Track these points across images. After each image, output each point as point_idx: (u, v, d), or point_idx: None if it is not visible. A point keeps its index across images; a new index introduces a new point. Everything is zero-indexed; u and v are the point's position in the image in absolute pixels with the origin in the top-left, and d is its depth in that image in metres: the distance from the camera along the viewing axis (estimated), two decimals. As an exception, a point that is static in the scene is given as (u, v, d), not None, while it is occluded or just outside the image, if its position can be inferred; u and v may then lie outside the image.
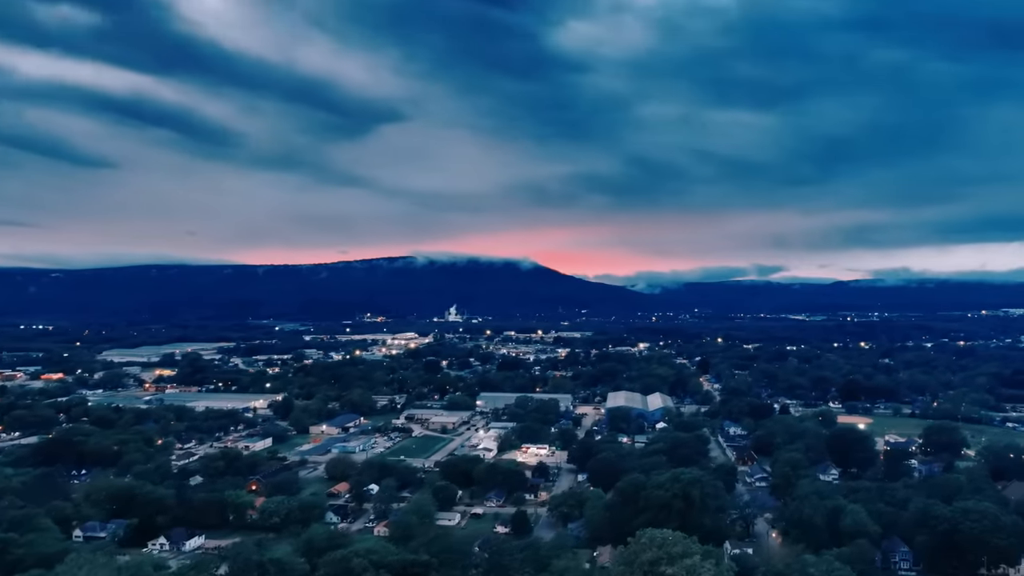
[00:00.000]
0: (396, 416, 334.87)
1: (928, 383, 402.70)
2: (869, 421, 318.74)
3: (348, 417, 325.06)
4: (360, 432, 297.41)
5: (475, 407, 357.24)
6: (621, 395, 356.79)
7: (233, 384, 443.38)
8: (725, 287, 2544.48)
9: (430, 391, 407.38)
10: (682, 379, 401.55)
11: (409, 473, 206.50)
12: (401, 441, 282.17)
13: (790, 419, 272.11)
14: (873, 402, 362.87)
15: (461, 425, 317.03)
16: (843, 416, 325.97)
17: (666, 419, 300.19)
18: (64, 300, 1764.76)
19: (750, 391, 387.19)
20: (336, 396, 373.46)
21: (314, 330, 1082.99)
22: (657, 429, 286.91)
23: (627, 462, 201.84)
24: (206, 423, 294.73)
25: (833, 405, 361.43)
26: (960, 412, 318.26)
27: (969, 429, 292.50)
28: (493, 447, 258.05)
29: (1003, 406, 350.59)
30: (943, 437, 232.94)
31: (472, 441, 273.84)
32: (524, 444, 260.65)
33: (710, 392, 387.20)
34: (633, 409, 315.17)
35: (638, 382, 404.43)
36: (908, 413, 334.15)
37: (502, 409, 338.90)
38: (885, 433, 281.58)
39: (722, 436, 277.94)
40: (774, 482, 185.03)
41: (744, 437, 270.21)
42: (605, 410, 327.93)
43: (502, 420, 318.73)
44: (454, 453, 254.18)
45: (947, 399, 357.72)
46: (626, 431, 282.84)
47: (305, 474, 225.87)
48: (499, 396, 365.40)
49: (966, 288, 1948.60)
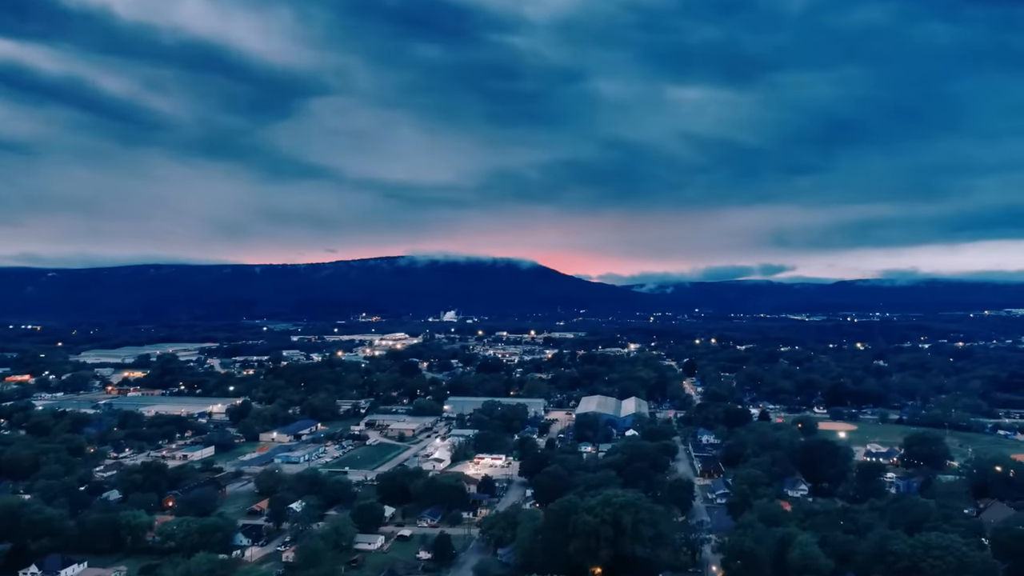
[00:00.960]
0: (357, 422, 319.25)
1: (919, 387, 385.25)
2: (853, 428, 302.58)
3: (304, 423, 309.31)
4: (312, 440, 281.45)
5: (442, 412, 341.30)
6: (594, 400, 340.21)
7: (198, 387, 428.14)
8: (728, 287, 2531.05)
9: (400, 395, 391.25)
10: (661, 383, 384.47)
11: (342, 488, 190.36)
12: (352, 450, 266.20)
13: (765, 427, 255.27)
14: (860, 407, 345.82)
15: (422, 432, 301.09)
16: (826, 423, 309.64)
17: (637, 426, 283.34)
18: (62, 300, 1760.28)
19: (732, 395, 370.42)
20: (300, 400, 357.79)
21: (306, 330, 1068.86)
22: (626, 437, 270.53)
23: (576, 477, 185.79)
24: (149, 430, 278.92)
25: (817, 411, 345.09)
26: (949, 419, 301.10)
27: (958, 437, 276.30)
28: (445, 457, 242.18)
29: (996, 411, 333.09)
30: (924, 448, 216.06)
31: (427, 450, 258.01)
32: (479, 454, 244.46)
33: (690, 397, 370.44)
34: (603, 415, 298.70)
35: (617, 385, 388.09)
36: (895, 419, 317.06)
37: (468, 415, 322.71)
38: (867, 442, 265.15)
39: (693, 445, 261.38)
40: (731, 500, 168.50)
41: (716, 446, 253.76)
42: (575, 416, 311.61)
43: (466, 427, 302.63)
44: (404, 464, 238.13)
45: (937, 404, 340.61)
46: (592, 439, 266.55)
47: (236, 487, 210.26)
48: (468, 400, 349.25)
49: (975, 288, 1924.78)
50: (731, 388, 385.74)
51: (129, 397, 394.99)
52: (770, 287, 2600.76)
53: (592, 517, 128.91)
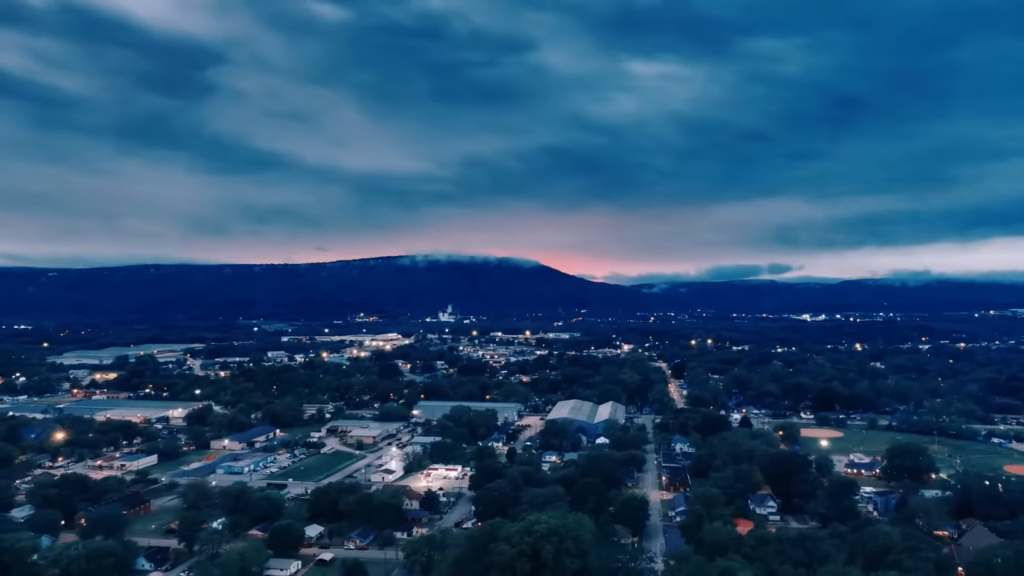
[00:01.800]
0: (319, 428, 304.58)
1: (913, 391, 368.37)
2: (838, 435, 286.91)
3: (262, 430, 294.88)
4: (264, 448, 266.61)
5: (411, 418, 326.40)
6: (568, 405, 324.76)
7: (167, 389, 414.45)
8: (733, 287, 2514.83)
9: (371, 399, 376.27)
10: (642, 386, 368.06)
11: (270, 504, 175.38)
12: (304, 459, 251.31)
13: (740, 435, 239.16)
14: (849, 412, 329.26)
15: (384, 439, 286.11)
16: (810, 429, 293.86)
17: (608, 434, 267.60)
18: (62, 300, 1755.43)
19: (716, 400, 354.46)
20: (266, 404, 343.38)
21: (297, 331, 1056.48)
22: (594, 446, 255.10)
23: (525, 493, 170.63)
24: (94, 437, 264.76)
25: (804, 416, 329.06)
26: (940, 426, 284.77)
27: (948, 446, 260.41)
28: (397, 468, 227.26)
29: (991, 417, 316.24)
30: (907, 460, 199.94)
31: (382, 460, 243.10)
32: (433, 465, 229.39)
33: (671, 401, 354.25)
34: (574, 422, 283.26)
35: (598, 389, 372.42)
36: (884, 425, 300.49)
37: (436, 421, 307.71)
38: (851, 451, 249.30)
39: (664, 454, 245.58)
40: (684, 522, 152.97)
41: (689, 456, 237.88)
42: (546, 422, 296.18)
43: (433, 433, 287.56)
44: (353, 475, 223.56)
45: (929, 410, 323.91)
46: (558, 448, 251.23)
47: (164, 502, 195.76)
48: (439, 405, 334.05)
49: (984, 288, 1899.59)
50: (716, 392, 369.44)
51: (90, 400, 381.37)
52: (776, 287, 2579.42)
53: (510, 547, 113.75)
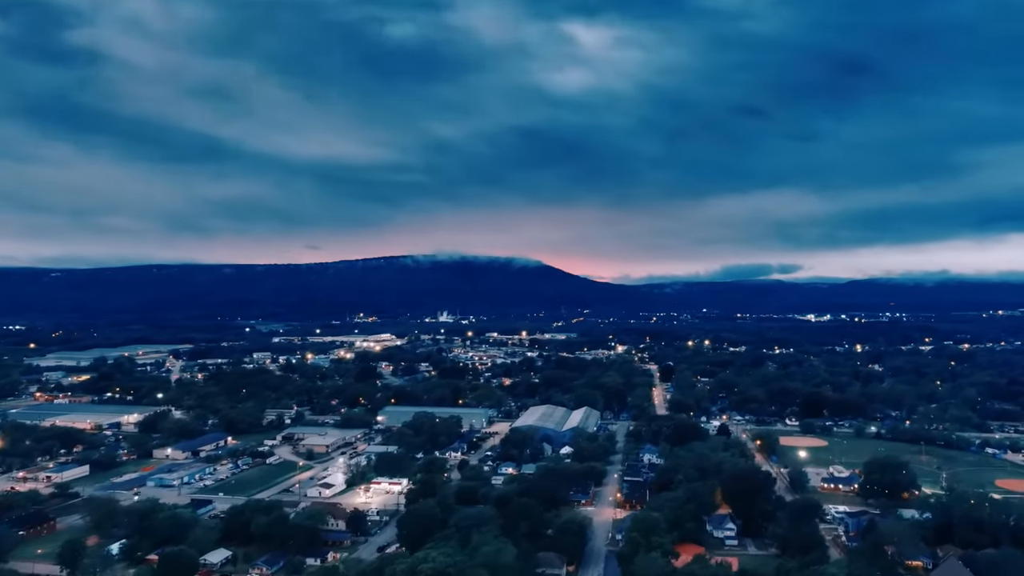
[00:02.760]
0: (276, 435, 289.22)
1: (907, 395, 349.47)
2: (822, 444, 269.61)
3: (213, 437, 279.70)
4: (207, 458, 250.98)
5: (373, 424, 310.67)
6: (538, 411, 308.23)
7: (132, 392, 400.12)
8: (741, 287, 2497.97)
9: (339, 403, 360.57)
10: (621, 391, 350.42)
11: (177, 525, 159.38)
12: (247, 471, 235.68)
13: (712, 445, 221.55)
14: (837, 419, 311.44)
15: (339, 448, 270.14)
16: (791, 438, 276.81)
17: (574, 443, 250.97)
18: (63, 300, 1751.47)
19: (698, 405, 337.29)
20: (226, 409, 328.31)
21: (292, 331, 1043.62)
22: (556, 456, 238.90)
23: (454, 514, 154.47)
24: (28, 445, 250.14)
25: (789, 423, 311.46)
26: (930, 434, 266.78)
27: (938, 456, 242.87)
28: (337, 482, 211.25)
29: (988, 424, 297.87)
30: (886, 476, 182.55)
31: (328, 472, 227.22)
32: (378, 478, 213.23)
33: (651, 407, 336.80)
34: (541, 430, 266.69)
35: (576, 393, 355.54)
36: (873, 433, 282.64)
37: (397, 428, 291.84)
38: (832, 462, 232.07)
39: (629, 466, 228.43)
40: (621, 551, 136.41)
41: (656, 467, 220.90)
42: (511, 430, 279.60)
43: (391, 442, 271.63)
44: (291, 489, 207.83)
45: (922, 416, 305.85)
46: (517, 459, 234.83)
47: (73, 520, 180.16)
48: (405, 411, 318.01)
49: (995, 287, 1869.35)
50: (699, 397, 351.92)
51: (46, 405, 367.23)
52: (783, 287, 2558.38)
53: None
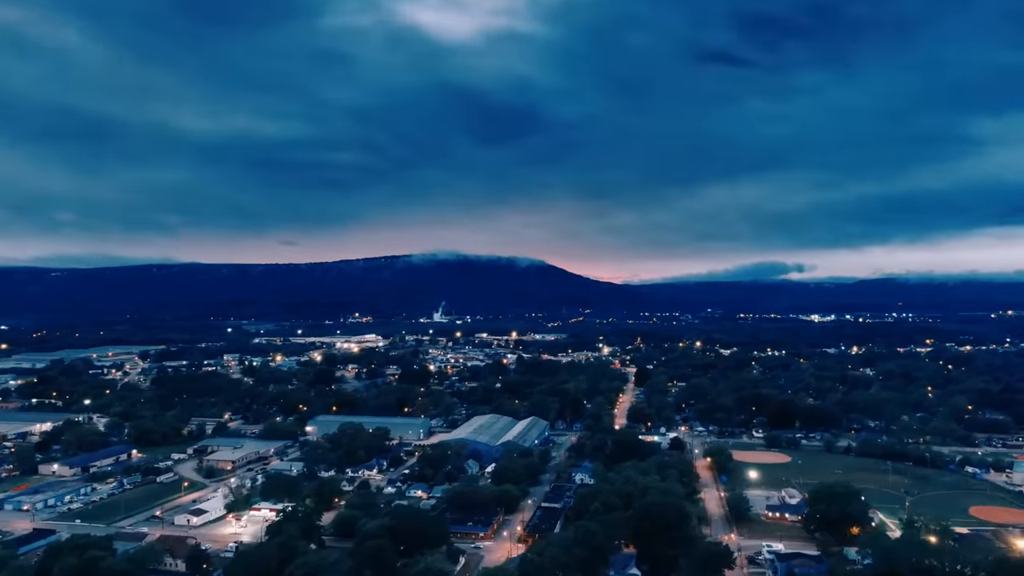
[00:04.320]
0: (187, 448, 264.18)
1: (890, 403, 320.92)
2: (785, 459, 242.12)
3: (116, 450, 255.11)
4: (105, 473, 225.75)
5: (299, 435, 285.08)
6: (479, 421, 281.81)
7: (68, 396, 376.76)
8: (752, 286, 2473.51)
9: (275, 411, 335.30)
10: (576, 400, 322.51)
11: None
12: (130, 490, 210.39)
13: (642, 467, 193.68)
14: (808, 431, 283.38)
15: (249, 464, 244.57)
16: (753, 452, 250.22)
17: (504, 459, 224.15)
18: (61, 300, 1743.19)
19: (660, 414, 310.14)
20: (152, 417, 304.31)
21: (282, 331, 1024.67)
22: (475, 476, 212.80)
23: (294, 558, 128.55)
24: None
25: (756, 434, 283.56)
26: (906, 449, 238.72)
27: (911, 476, 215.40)
28: (214, 508, 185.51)
29: (973, 437, 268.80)
30: (832, 507, 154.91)
31: (214, 494, 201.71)
32: (262, 503, 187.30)
33: (608, 417, 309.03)
34: (469, 444, 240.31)
35: (531, 400, 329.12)
36: (843, 447, 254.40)
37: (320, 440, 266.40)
38: (789, 483, 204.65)
39: (554, 488, 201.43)
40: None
41: (586, 488, 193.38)
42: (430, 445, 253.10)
43: (309, 457, 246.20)
44: (161, 517, 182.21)
45: (902, 428, 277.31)
46: (431, 479, 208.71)
47: None
48: (337, 420, 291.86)
49: (1015, 287, 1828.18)
50: (662, 405, 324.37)
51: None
52: (795, 286, 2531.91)
53: None
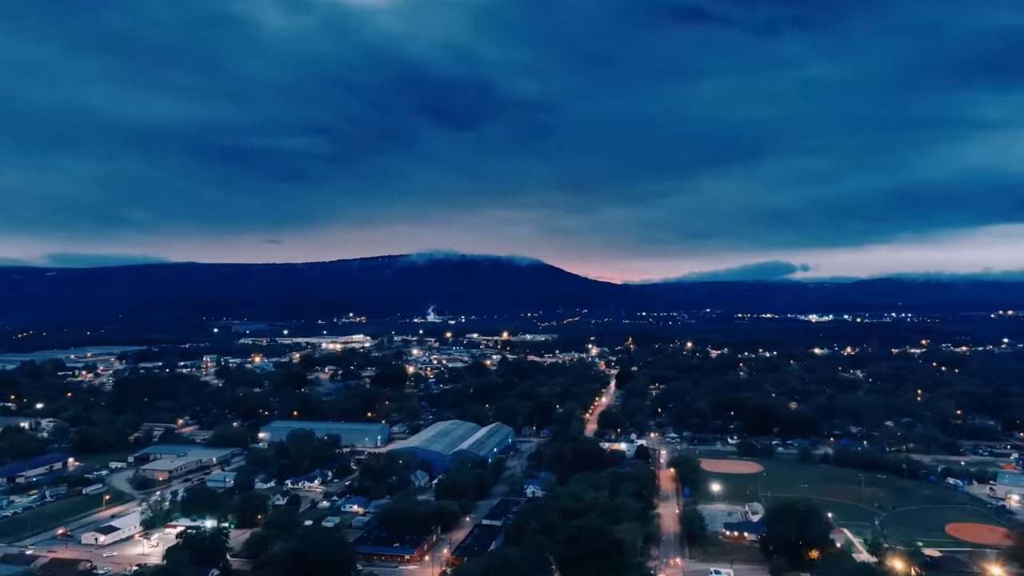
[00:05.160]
0: (129, 455, 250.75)
1: (874, 408, 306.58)
2: (757, 469, 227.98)
3: (50, 458, 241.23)
4: (24, 485, 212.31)
5: (251, 442, 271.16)
6: (439, 428, 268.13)
7: (24, 400, 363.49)
8: (750, 286, 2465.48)
9: (234, 416, 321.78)
10: (545, 405, 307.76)
11: None
12: (51, 503, 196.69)
13: (593, 480, 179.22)
14: (786, 438, 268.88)
15: (189, 473, 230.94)
16: (724, 461, 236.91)
17: (455, 470, 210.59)
18: (57, 299, 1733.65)
19: (633, 419, 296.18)
20: (103, 422, 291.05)
21: (273, 331, 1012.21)
22: (414, 489, 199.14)
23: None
24: None
25: (732, 441, 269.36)
26: (885, 459, 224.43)
27: (888, 488, 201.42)
28: (128, 525, 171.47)
29: (958, 445, 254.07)
30: (790, 528, 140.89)
31: (136, 509, 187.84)
32: (183, 519, 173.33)
33: (578, 423, 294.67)
34: (419, 452, 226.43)
35: (499, 404, 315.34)
36: (821, 456, 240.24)
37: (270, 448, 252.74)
38: (757, 497, 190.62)
39: (502, 502, 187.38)
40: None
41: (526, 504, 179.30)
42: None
43: (254, 465, 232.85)
44: (71, 535, 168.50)
45: (884, 434, 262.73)
46: (371, 492, 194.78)
47: None
48: (290, 426, 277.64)
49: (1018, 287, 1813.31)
50: (634, 410, 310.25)
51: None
52: (796, 285, 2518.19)
53: None
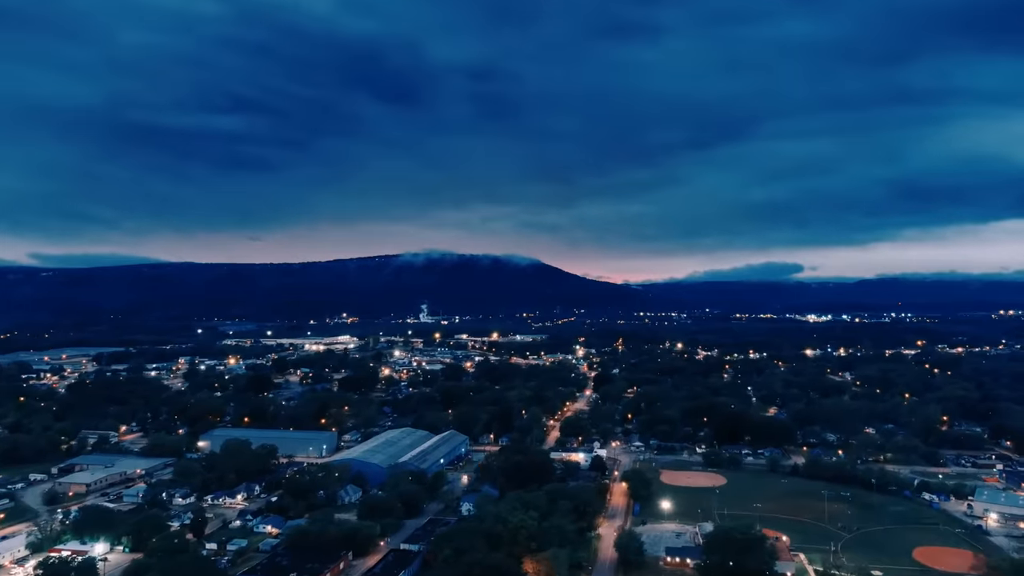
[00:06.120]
0: (56, 466, 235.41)
1: (857, 413, 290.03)
2: (721, 482, 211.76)
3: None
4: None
5: (188, 451, 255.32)
6: (388, 435, 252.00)
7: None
8: (752, 286, 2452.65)
9: (182, 422, 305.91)
10: (506, 412, 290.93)
11: None
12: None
13: (525, 499, 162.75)
14: (760, 446, 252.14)
15: (108, 487, 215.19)
16: (688, 473, 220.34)
17: (391, 483, 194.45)
18: (53, 299, 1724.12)
19: (598, 425, 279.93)
20: (42, 428, 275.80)
21: (240, 333, 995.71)
22: (342, 505, 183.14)
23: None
24: None
25: (700, 450, 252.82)
26: (856, 470, 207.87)
27: (858, 504, 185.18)
28: (13, 549, 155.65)
29: (940, 455, 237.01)
30: (727, 557, 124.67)
31: (32, 529, 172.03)
32: (70, 541, 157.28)
33: (539, 431, 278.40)
34: (355, 464, 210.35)
35: (459, 410, 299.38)
36: (789, 467, 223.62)
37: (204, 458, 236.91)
38: (711, 514, 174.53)
39: (428, 523, 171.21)
40: None
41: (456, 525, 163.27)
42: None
43: (181, 479, 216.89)
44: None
45: (862, 443, 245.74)
46: (290, 509, 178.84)
47: None
48: (230, 435, 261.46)
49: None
50: (602, 415, 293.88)
51: None
52: (797, 286, 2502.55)
53: None
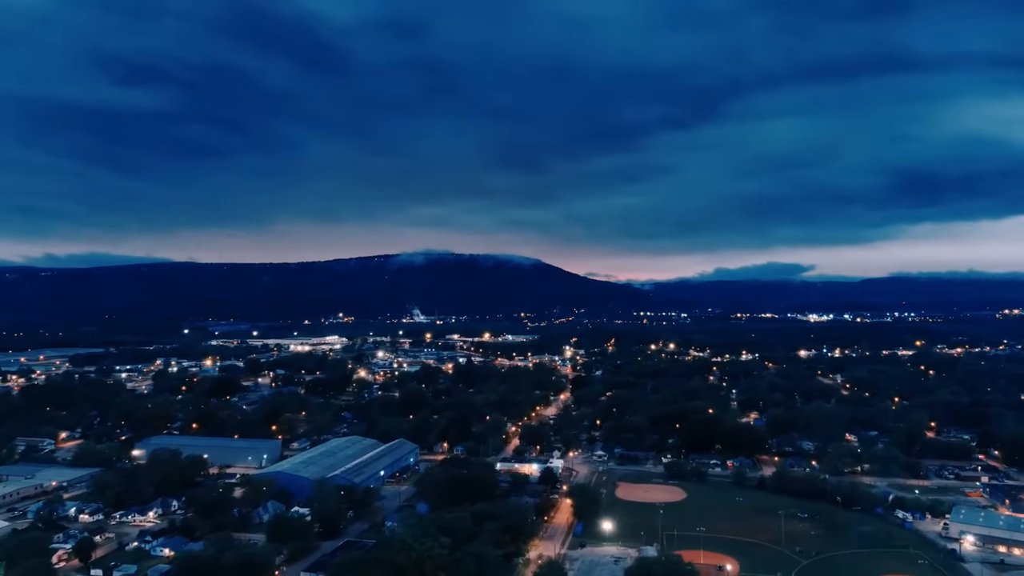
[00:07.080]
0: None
1: (838, 419, 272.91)
2: (680, 496, 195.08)
3: None
4: None
5: (119, 461, 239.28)
6: (330, 444, 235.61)
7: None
8: (755, 286, 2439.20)
9: (127, 428, 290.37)
10: (464, 417, 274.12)
11: None
12: None
13: (445, 519, 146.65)
14: (728, 456, 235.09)
15: (21, 501, 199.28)
16: (643, 487, 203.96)
17: (318, 498, 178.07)
18: (52, 299, 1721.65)
19: (561, 432, 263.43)
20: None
21: (226, 334, 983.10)
22: (273, 519, 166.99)
23: None
24: None
25: (666, 460, 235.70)
26: (825, 484, 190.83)
27: (824, 523, 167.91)
28: None
29: (922, 466, 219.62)
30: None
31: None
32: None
33: (499, 440, 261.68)
34: (280, 478, 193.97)
35: (420, 415, 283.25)
36: (756, 479, 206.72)
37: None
38: (654, 540, 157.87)
39: (345, 545, 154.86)
40: None
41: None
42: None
43: (100, 492, 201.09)
44: None
45: (838, 453, 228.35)
46: (196, 529, 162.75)
47: None
48: (167, 443, 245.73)
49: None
50: (566, 422, 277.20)
51: None
52: (801, 286, 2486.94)
53: None
